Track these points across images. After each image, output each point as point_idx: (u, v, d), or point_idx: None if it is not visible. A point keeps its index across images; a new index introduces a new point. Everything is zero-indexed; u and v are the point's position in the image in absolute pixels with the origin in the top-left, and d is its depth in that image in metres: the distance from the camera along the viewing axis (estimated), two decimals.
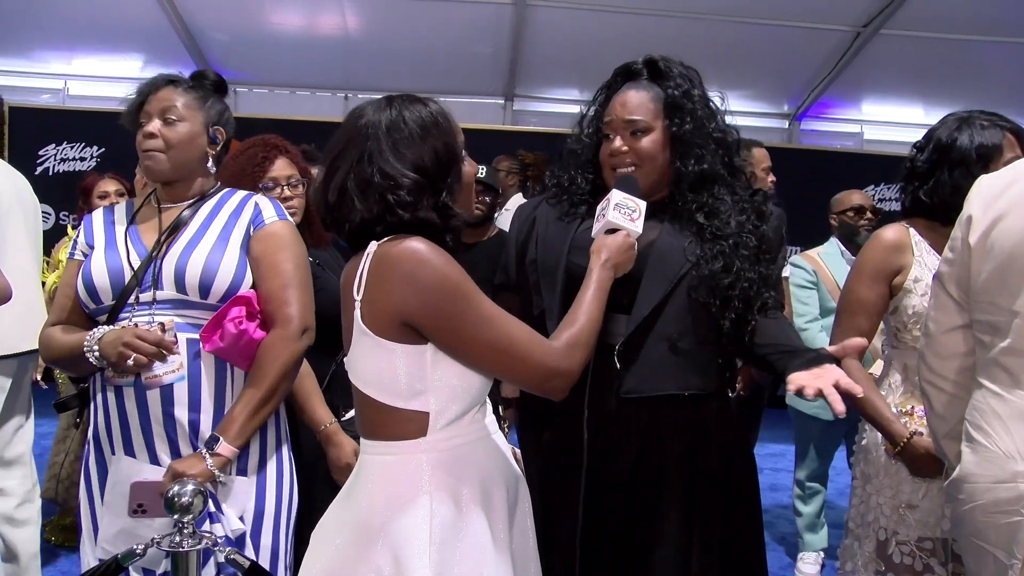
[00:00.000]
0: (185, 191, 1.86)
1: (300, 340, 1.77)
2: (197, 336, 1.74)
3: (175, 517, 1.44)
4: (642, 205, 1.64)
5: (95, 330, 1.74)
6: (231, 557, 1.49)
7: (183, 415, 1.72)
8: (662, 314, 1.68)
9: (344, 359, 1.44)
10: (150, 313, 1.74)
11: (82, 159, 6.57)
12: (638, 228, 1.62)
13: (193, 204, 1.85)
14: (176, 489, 1.43)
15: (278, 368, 1.73)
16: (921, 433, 1.90)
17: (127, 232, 1.83)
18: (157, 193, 1.88)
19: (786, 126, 7.28)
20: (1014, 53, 6.05)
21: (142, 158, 1.83)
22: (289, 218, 1.90)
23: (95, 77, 6.88)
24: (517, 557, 1.46)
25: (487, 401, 1.48)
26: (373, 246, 1.36)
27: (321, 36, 6.27)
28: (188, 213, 1.83)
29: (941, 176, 1.97)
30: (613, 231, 1.61)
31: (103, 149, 6.53)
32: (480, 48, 6.40)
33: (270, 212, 1.85)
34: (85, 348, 1.72)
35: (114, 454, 1.76)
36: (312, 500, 2.29)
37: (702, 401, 1.74)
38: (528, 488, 1.77)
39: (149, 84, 1.87)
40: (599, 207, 1.66)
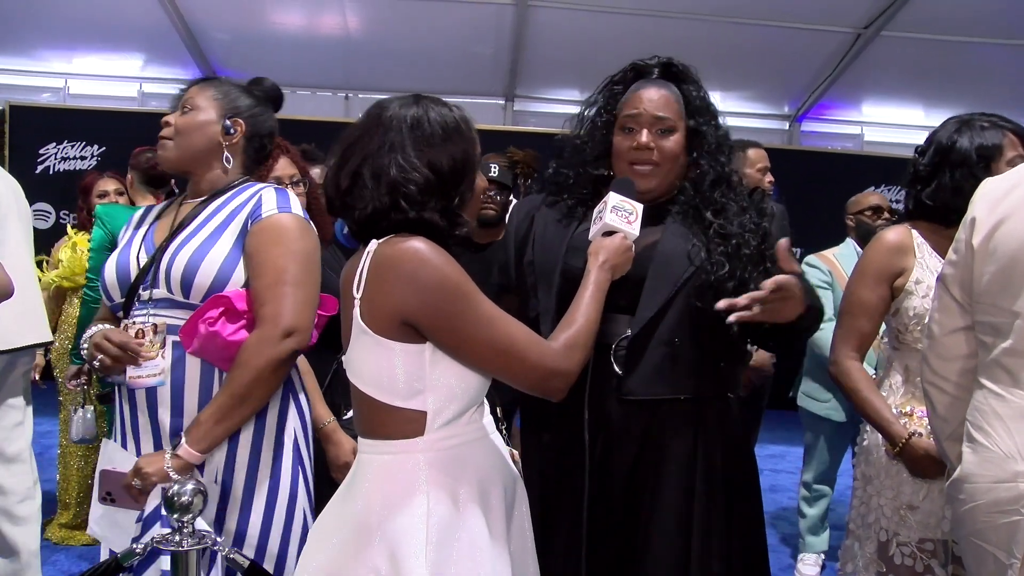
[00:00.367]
0: (201, 186, 1.80)
1: (281, 343, 1.63)
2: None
3: (174, 516, 1.43)
4: (639, 208, 1.63)
5: (91, 328, 1.74)
6: (231, 556, 1.48)
7: (166, 417, 1.69)
8: (664, 317, 1.68)
9: (343, 357, 1.44)
10: (147, 313, 1.70)
11: (82, 158, 6.57)
12: (635, 231, 1.62)
13: (207, 199, 1.78)
14: (175, 488, 1.43)
15: (249, 372, 1.61)
16: (921, 434, 1.90)
17: (147, 230, 1.81)
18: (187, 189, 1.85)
19: (786, 127, 7.29)
20: (1015, 55, 6.05)
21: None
22: (296, 209, 1.74)
23: (96, 76, 6.89)
24: (515, 557, 1.46)
25: (485, 401, 1.48)
26: (373, 245, 1.36)
27: (322, 36, 6.28)
28: (198, 209, 1.77)
29: (942, 178, 1.97)
30: (610, 233, 1.61)
31: (103, 148, 6.53)
32: (481, 48, 6.40)
33: (271, 204, 1.72)
34: (81, 345, 1.73)
35: (124, 447, 1.76)
36: (313, 498, 2.30)
37: (702, 404, 1.74)
38: (529, 489, 1.77)
39: (189, 83, 1.87)
40: (596, 209, 1.66)
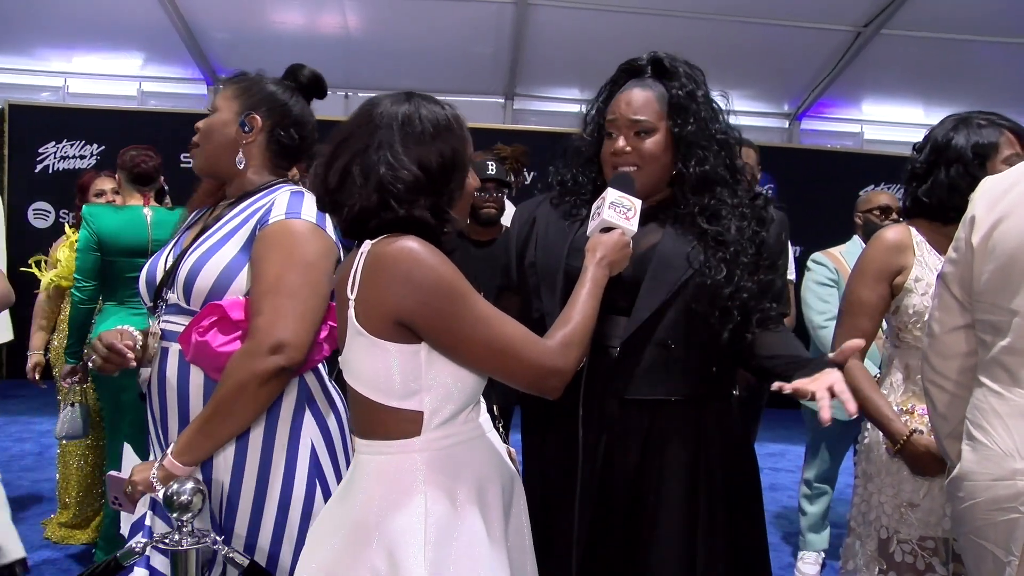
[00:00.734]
0: (232, 188, 1.76)
1: (268, 358, 1.52)
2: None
3: (174, 516, 1.44)
4: (637, 204, 1.63)
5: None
6: (230, 556, 1.48)
7: (174, 424, 1.68)
8: (660, 320, 1.68)
9: (339, 359, 1.43)
10: (163, 318, 1.69)
11: (82, 157, 6.58)
12: (633, 227, 1.61)
13: (234, 203, 1.73)
14: (175, 488, 1.43)
15: (231, 387, 1.54)
16: (922, 431, 1.90)
17: (184, 233, 1.79)
18: None
19: (786, 126, 7.29)
20: (1014, 53, 6.05)
21: None
22: (308, 215, 1.64)
23: (95, 75, 6.89)
24: (513, 555, 1.46)
25: (481, 400, 1.48)
26: (367, 245, 1.35)
27: (322, 35, 6.28)
28: (223, 212, 1.73)
29: (938, 176, 1.97)
30: (608, 229, 1.60)
31: (103, 147, 6.53)
32: (481, 47, 6.40)
33: (280, 209, 1.64)
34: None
35: (161, 447, 1.75)
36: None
37: (702, 404, 1.73)
38: (530, 489, 1.77)
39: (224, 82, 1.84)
40: (594, 205, 1.65)
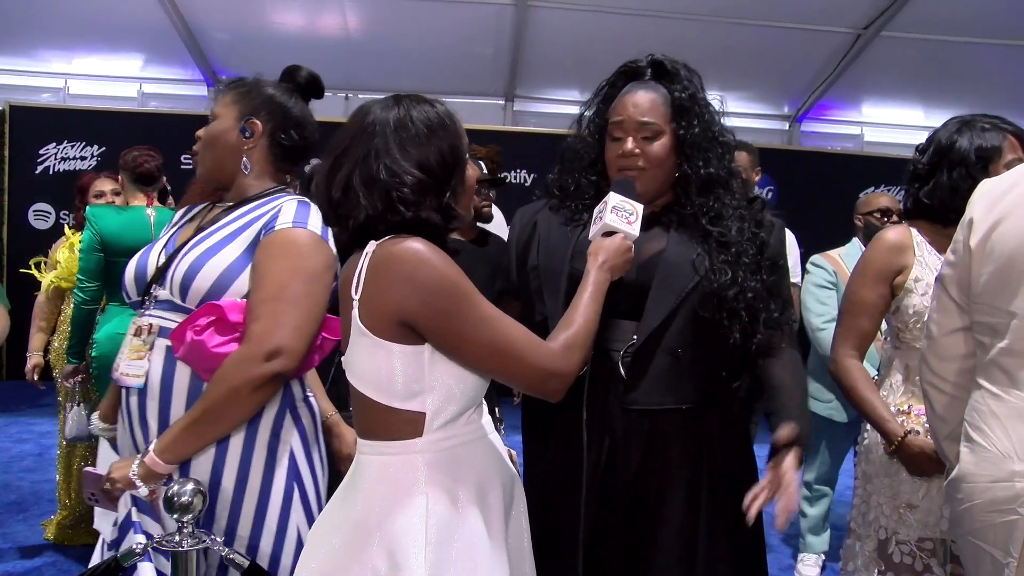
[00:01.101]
0: (233, 194, 1.76)
1: (264, 364, 1.53)
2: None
3: (174, 517, 1.44)
4: (639, 208, 1.63)
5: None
6: (230, 557, 1.48)
7: (153, 421, 1.66)
8: (669, 327, 1.67)
9: (342, 358, 1.44)
10: (151, 313, 1.69)
11: (82, 158, 6.58)
12: (635, 231, 1.61)
13: (233, 206, 1.73)
14: (175, 488, 1.43)
15: (223, 390, 1.54)
16: (918, 432, 1.91)
17: (175, 231, 1.79)
18: None
19: (786, 128, 7.30)
20: (1014, 55, 6.06)
21: None
22: (314, 225, 1.65)
23: (96, 76, 6.89)
24: (512, 557, 1.46)
25: (483, 402, 1.48)
26: (371, 246, 1.35)
27: (322, 36, 6.28)
28: (222, 215, 1.73)
29: (940, 178, 1.98)
30: (610, 233, 1.61)
31: (103, 148, 6.53)
32: (481, 49, 6.41)
33: (287, 217, 1.64)
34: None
35: (133, 446, 1.73)
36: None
37: (705, 412, 1.73)
38: (534, 492, 1.77)
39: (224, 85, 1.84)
40: (596, 209, 1.65)
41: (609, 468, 1.71)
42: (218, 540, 1.48)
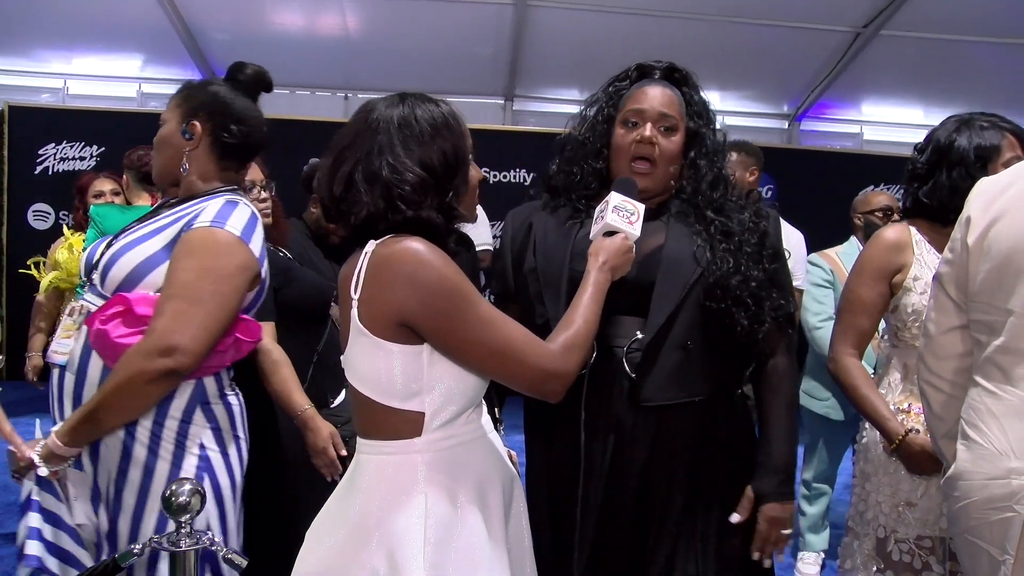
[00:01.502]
0: (180, 193, 1.81)
1: (157, 359, 1.55)
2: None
3: (172, 518, 1.44)
4: (640, 208, 1.63)
5: None
6: (228, 556, 1.48)
7: (68, 403, 1.70)
8: (676, 321, 1.68)
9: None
10: (85, 298, 1.74)
11: (82, 158, 6.58)
12: (636, 231, 1.61)
13: (174, 203, 1.78)
14: (173, 488, 1.43)
15: (118, 380, 1.57)
16: (918, 430, 1.91)
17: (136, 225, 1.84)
18: None
19: (786, 127, 7.30)
20: (1014, 54, 6.06)
21: None
22: (234, 227, 1.67)
23: (95, 76, 6.89)
24: (512, 556, 1.46)
25: (482, 402, 1.48)
26: (371, 246, 1.35)
27: (321, 36, 6.28)
28: (158, 211, 1.79)
29: (940, 177, 1.98)
30: (611, 233, 1.61)
31: (103, 148, 6.53)
32: (480, 48, 6.41)
33: (206, 216, 1.67)
34: None
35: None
36: (295, 498, 2.30)
37: (711, 404, 1.73)
38: (537, 491, 1.77)
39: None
40: (597, 209, 1.66)
41: (615, 466, 1.71)
42: (216, 540, 1.48)
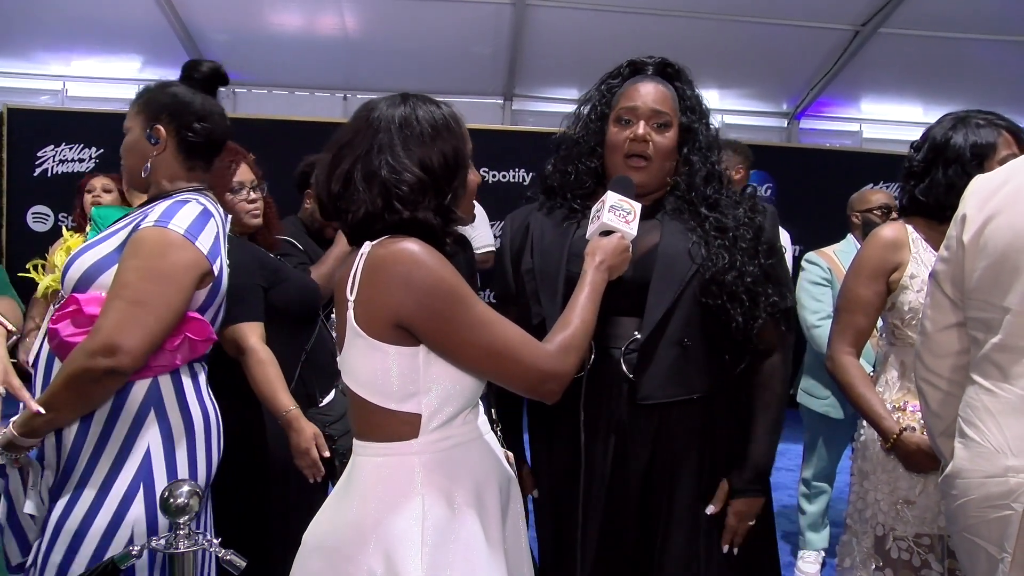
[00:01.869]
0: (150, 196, 1.83)
1: (96, 358, 1.57)
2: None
3: (170, 519, 1.43)
4: (637, 207, 1.63)
5: None
6: (227, 558, 1.48)
7: (37, 393, 1.70)
8: (672, 318, 1.68)
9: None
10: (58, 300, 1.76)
11: (81, 160, 6.57)
12: (632, 230, 1.61)
13: (142, 205, 1.80)
14: (171, 490, 1.43)
15: (60, 378, 1.60)
16: (914, 428, 1.91)
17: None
18: None
19: (785, 125, 7.28)
20: (1013, 52, 6.05)
21: None
22: (179, 225, 1.67)
23: (94, 78, 6.88)
24: (510, 558, 1.46)
25: (479, 402, 1.48)
26: (367, 247, 1.35)
27: (320, 37, 6.27)
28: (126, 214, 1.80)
29: (936, 175, 1.98)
30: (607, 233, 1.60)
31: (102, 150, 6.52)
32: (479, 48, 6.40)
33: (154, 216, 1.68)
34: None
35: None
36: (284, 498, 2.30)
37: (710, 400, 1.74)
38: (540, 492, 1.78)
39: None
40: (594, 208, 1.66)
41: (617, 467, 1.71)
42: (214, 541, 1.48)
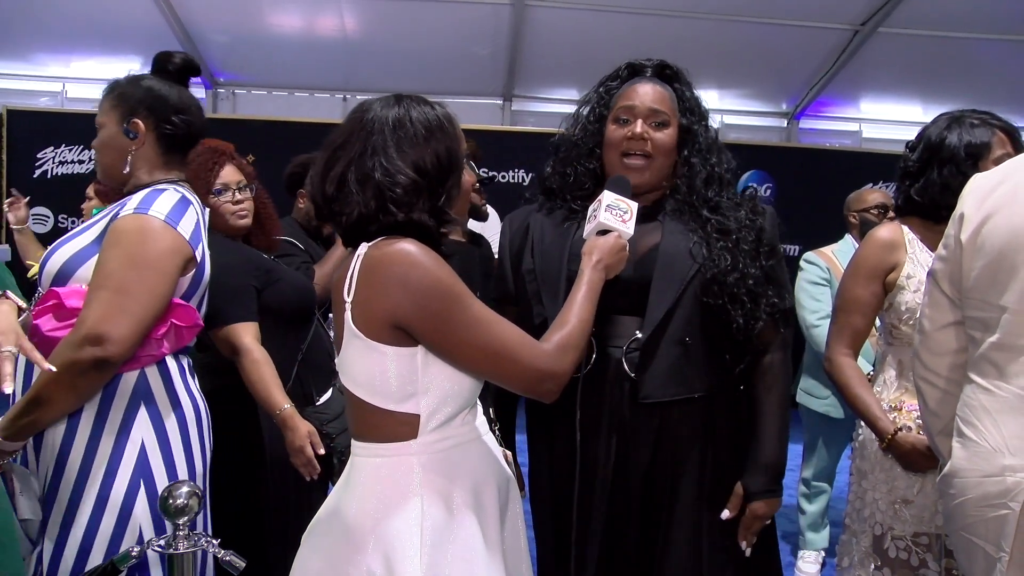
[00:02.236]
0: (127, 189, 1.81)
1: (82, 349, 1.55)
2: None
3: (169, 520, 1.44)
4: (634, 207, 1.63)
5: None
6: (226, 559, 1.48)
7: (19, 390, 1.68)
8: (673, 317, 1.68)
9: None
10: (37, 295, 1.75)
11: (80, 162, 6.56)
12: (629, 230, 1.62)
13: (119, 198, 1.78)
14: (170, 491, 1.43)
15: (47, 373, 1.54)
16: (910, 428, 1.92)
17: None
18: None
19: (784, 125, 7.27)
20: (1012, 51, 6.05)
21: None
22: (158, 211, 1.66)
23: (93, 80, 6.87)
24: (509, 558, 1.46)
25: (478, 402, 1.48)
26: (363, 248, 1.36)
27: (319, 38, 6.27)
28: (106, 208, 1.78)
29: (931, 175, 1.98)
30: (605, 232, 1.61)
31: None
32: (478, 49, 6.40)
33: (132, 204, 1.66)
34: None
35: None
36: (282, 497, 2.30)
37: (711, 400, 1.74)
38: (540, 492, 1.78)
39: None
40: (591, 208, 1.66)
41: (620, 465, 1.71)
42: (214, 542, 1.48)
